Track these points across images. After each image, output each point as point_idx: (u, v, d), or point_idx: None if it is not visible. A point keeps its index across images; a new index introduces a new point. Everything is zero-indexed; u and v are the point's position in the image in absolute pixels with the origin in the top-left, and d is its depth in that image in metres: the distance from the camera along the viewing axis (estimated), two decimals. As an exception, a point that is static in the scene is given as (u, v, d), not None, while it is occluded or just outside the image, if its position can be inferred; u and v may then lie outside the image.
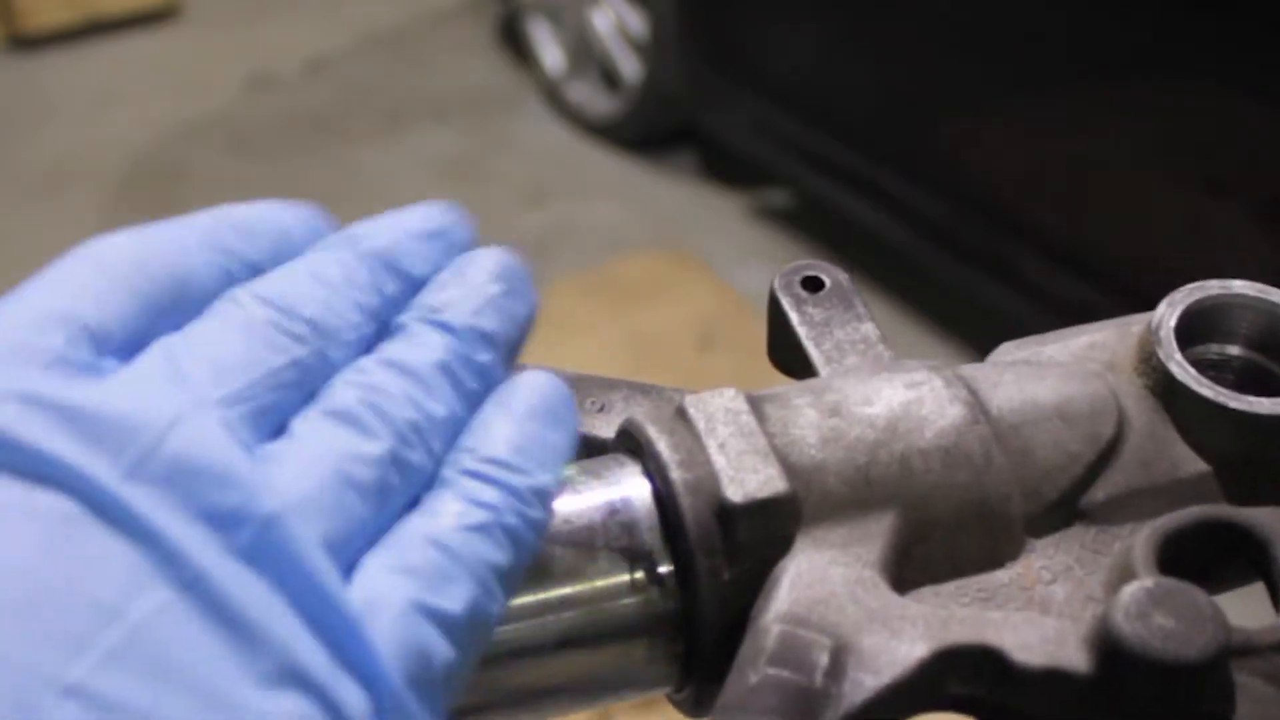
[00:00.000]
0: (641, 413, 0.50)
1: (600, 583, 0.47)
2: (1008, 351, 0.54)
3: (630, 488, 0.48)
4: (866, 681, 0.43)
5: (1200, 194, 2.66)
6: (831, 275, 0.57)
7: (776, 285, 0.57)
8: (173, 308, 0.43)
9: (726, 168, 3.90)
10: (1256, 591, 0.47)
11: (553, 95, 4.26)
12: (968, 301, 3.12)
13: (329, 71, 4.53)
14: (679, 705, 0.50)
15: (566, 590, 0.46)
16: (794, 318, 0.56)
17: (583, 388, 0.55)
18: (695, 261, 3.59)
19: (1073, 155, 2.89)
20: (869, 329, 0.55)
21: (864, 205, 3.27)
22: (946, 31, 3.04)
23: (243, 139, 4.21)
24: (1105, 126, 2.79)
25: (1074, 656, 0.44)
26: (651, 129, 4.00)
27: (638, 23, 3.87)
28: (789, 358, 0.57)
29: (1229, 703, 0.43)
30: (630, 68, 3.94)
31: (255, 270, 0.45)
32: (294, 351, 0.42)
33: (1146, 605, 0.42)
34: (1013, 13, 2.90)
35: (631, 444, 0.49)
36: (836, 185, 3.35)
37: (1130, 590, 0.42)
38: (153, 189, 4.03)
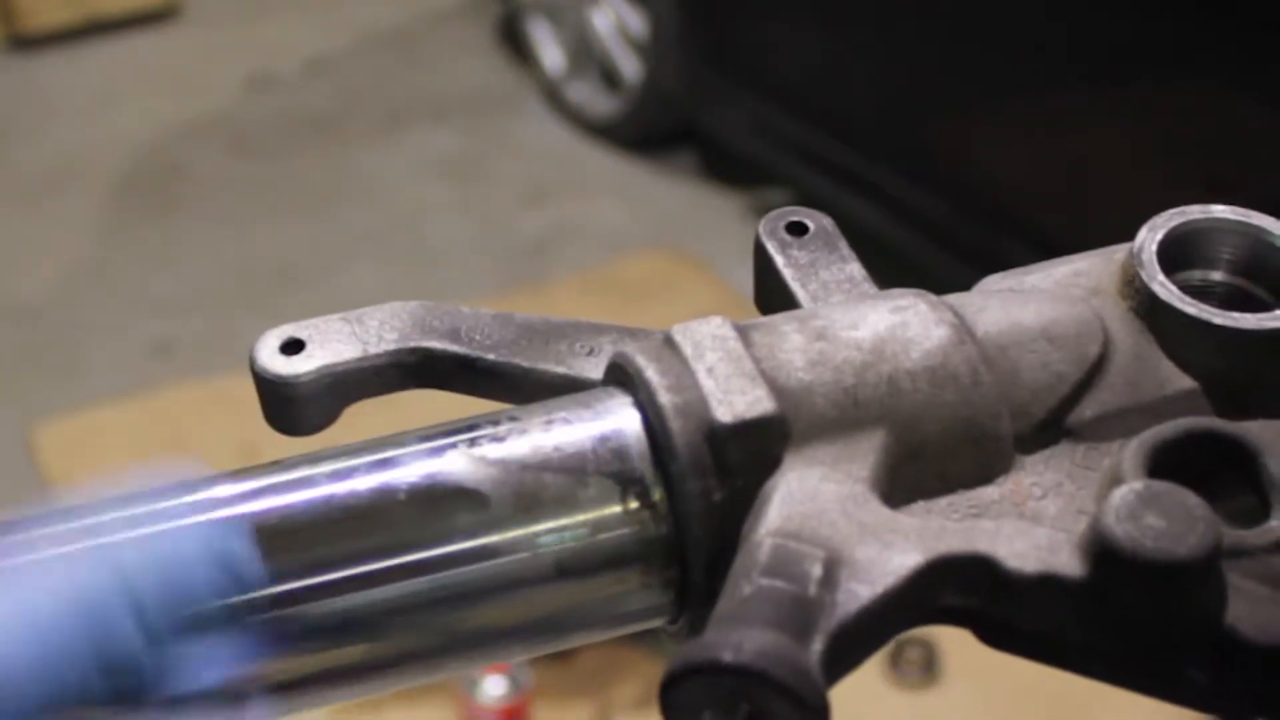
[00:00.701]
0: (630, 346, 0.50)
1: (593, 509, 0.47)
2: (992, 283, 0.54)
3: (620, 416, 0.48)
4: (861, 591, 0.43)
5: (1200, 194, 2.65)
6: (815, 220, 0.57)
7: (761, 231, 0.57)
8: None
9: (726, 168, 3.90)
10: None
11: (553, 95, 4.26)
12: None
13: (329, 71, 4.53)
14: (674, 637, 0.50)
15: (559, 519, 0.47)
16: (779, 260, 0.56)
17: (570, 332, 0.55)
18: (695, 261, 3.59)
19: (1073, 155, 2.89)
20: (854, 269, 0.56)
21: (864, 205, 3.27)
22: (947, 32, 3.04)
23: (243, 139, 4.21)
24: (1105, 126, 2.79)
25: (1067, 562, 0.44)
26: (651, 129, 4.00)
27: (638, 23, 3.87)
28: (775, 302, 0.57)
29: (1222, 602, 0.43)
30: (630, 68, 3.94)
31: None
32: None
33: (1137, 506, 0.42)
34: (1013, 13, 2.90)
35: (621, 376, 0.50)
36: (836, 185, 3.35)
37: (1120, 493, 0.43)
38: (153, 189, 4.03)
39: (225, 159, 4.15)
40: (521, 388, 0.54)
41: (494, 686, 2.35)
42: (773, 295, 0.57)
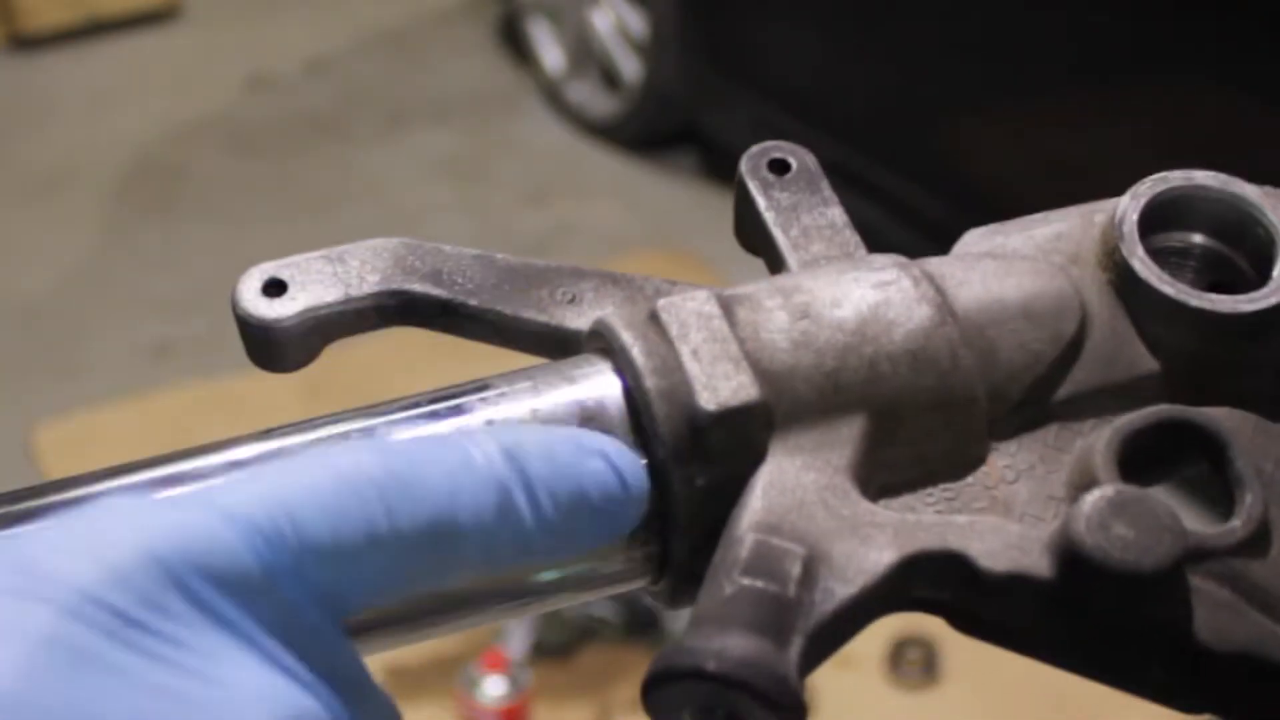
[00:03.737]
0: (613, 314, 0.50)
1: None
2: (973, 241, 0.54)
3: (603, 392, 0.48)
4: (838, 590, 0.44)
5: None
6: (798, 157, 0.57)
7: (744, 168, 0.57)
8: (401, 552, 0.42)
9: (726, 168, 3.87)
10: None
11: (553, 95, 4.26)
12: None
13: (329, 71, 4.53)
14: (655, 598, 0.50)
15: None
16: (761, 203, 0.56)
17: (552, 278, 0.54)
18: (695, 261, 3.59)
19: (1073, 155, 2.89)
20: (835, 213, 0.56)
21: (864, 205, 3.27)
22: (946, 32, 3.05)
23: (243, 139, 4.21)
24: (1105, 126, 2.79)
25: (1036, 563, 0.45)
26: (651, 129, 4.00)
27: (638, 23, 3.88)
28: (755, 239, 0.57)
29: (1186, 609, 0.44)
30: (630, 68, 3.94)
31: (523, 532, 0.44)
32: None
33: (1107, 515, 0.43)
34: (1013, 13, 2.90)
35: (603, 345, 0.50)
36: (836, 185, 3.34)
37: (1091, 500, 0.43)
38: (153, 189, 4.03)
39: (225, 159, 4.15)
40: (502, 333, 0.54)
41: (494, 686, 2.35)
42: (753, 234, 0.57)
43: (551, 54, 4.25)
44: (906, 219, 3.19)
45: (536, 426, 0.47)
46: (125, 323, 3.53)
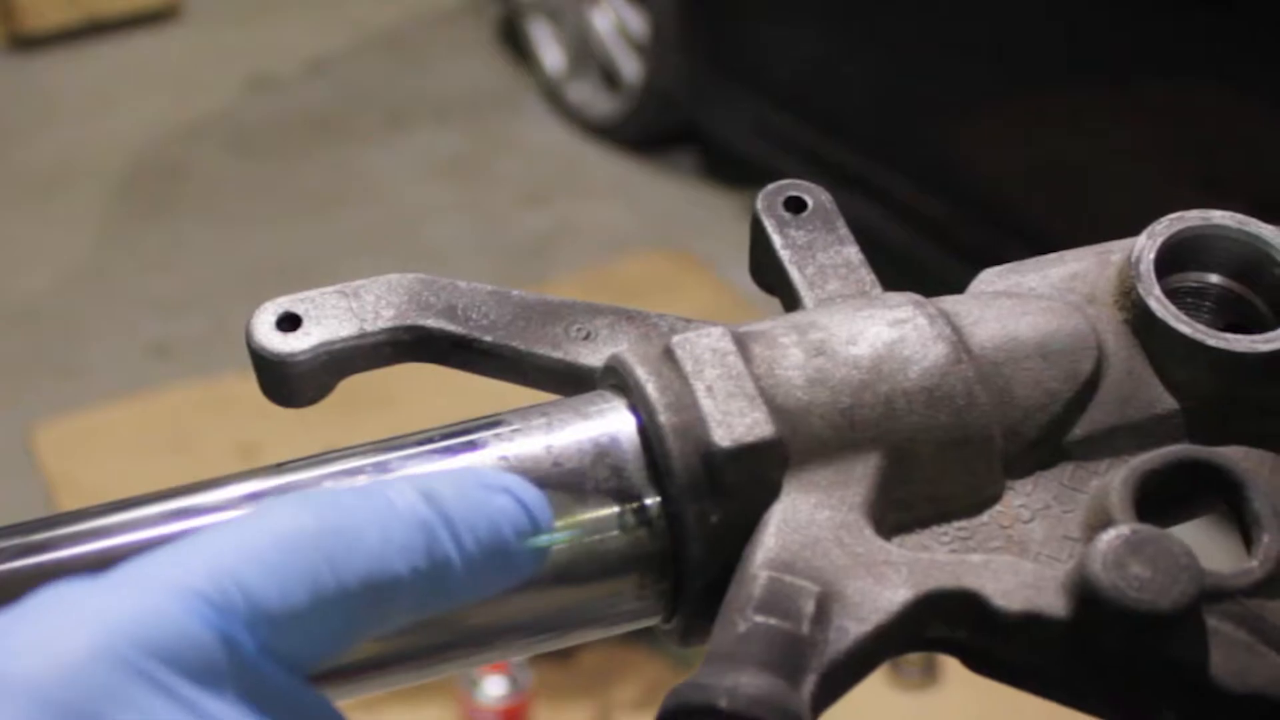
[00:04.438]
0: (628, 350, 0.50)
1: (590, 524, 0.47)
2: (988, 280, 0.54)
3: (618, 428, 0.48)
4: (851, 629, 0.44)
5: (1200, 194, 2.66)
6: (814, 196, 0.57)
7: (760, 206, 0.57)
8: (349, 610, 0.42)
9: (726, 168, 3.90)
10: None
11: (553, 95, 4.26)
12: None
13: (329, 71, 4.53)
14: (667, 636, 0.50)
15: (558, 529, 0.47)
16: (777, 241, 0.56)
17: (567, 314, 0.54)
18: (695, 261, 3.59)
19: (1073, 155, 2.89)
20: (851, 252, 0.55)
21: (864, 205, 3.27)
22: (946, 31, 3.04)
23: (243, 139, 4.21)
24: (1105, 126, 2.79)
25: (1052, 602, 0.44)
26: (651, 129, 4.00)
27: (638, 23, 3.87)
28: (771, 278, 0.57)
29: (1202, 650, 0.44)
30: (630, 68, 3.94)
31: (448, 571, 0.44)
32: None
33: (1123, 554, 0.43)
34: (1012, 13, 2.90)
35: (618, 381, 0.49)
36: (836, 185, 3.34)
37: (1107, 539, 0.43)
38: (153, 189, 4.03)
39: (225, 159, 4.15)
40: (516, 369, 0.54)
41: (494, 686, 2.35)
42: (768, 272, 0.57)
43: (551, 54, 4.25)
44: (906, 219, 3.19)
45: (442, 469, 0.47)
46: (125, 323, 3.53)
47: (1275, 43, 2.44)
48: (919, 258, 3.21)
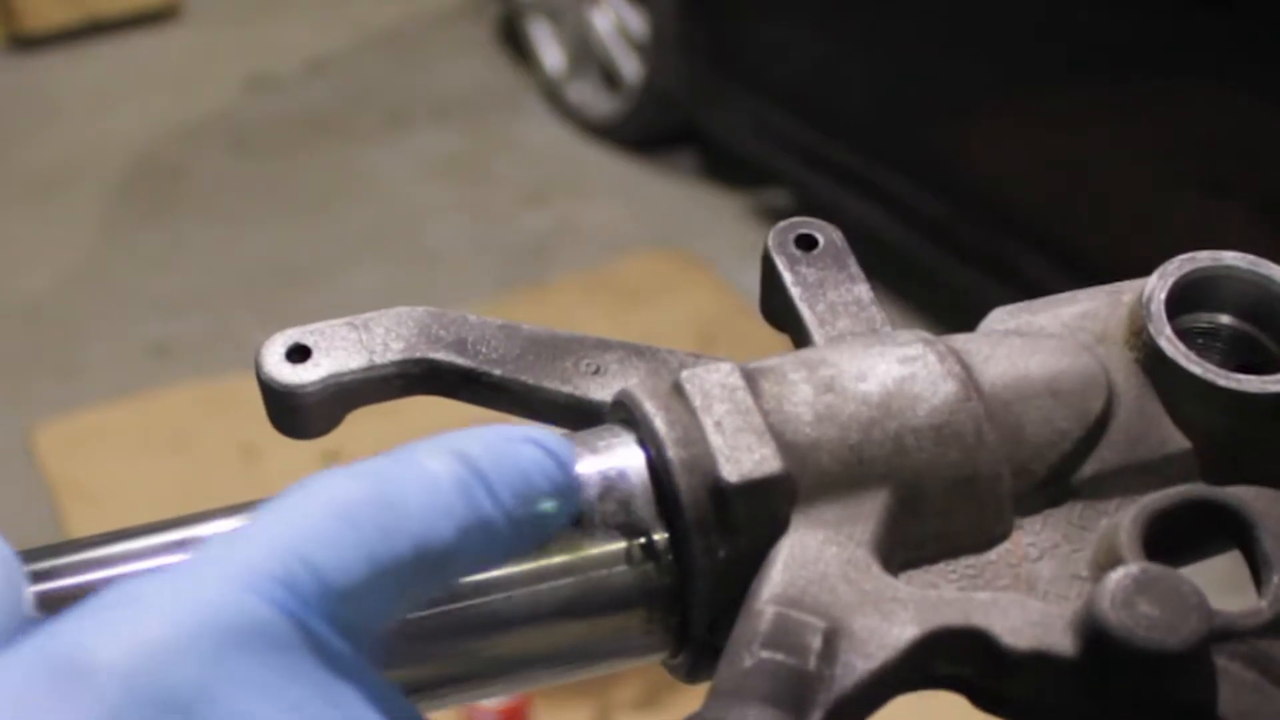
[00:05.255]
0: (637, 384, 0.50)
1: (597, 558, 0.47)
2: (999, 319, 0.54)
3: (626, 462, 0.48)
4: (858, 665, 0.44)
5: (1200, 194, 2.66)
6: (825, 234, 0.57)
7: (770, 244, 0.57)
8: (404, 579, 0.42)
9: (726, 168, 3.90)
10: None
11: (553, 95, 4.26)
12: (968, 301, 3.12)
13: (329, 71, 4.53)
14: (673, 671, 0.50)
15: (564, 563, 0.47)
16: (787, 278, 0.56)
17: (576, 349, 0.54)
18: (695, 261, 3.59)
19: (1073, 155, 2.89)
20: (862, 290, 0.56)
21: (864, 205, 3.27)
22: (946, 31, 3.05)
23: (243, 139, 4.22)
24: (1105, 126, 2.79)
25: (1060, 641, 0.44)
26: (651, 129, 4.00)
27: (638, 23, 3.88)
28: (781, 315, 0.57)
29: (1211, 689, 0.44)
30: (630, 68, 3.94)
31: (490, 527, 0.44)
32: None
33: (1132, 593, 0.43)
34: (1013, 13, 2.90)
35: (626, 415, 0.49)
36: (836, 185, 3.35)
37: (1116, 577, 0.43)
38: (153, 189, 4.03)
39: (225, 159, 4.15)
40: (526, 403, 0.54)
41: (494, 687, 2.35)
42: (779, 310, 0.57)
43: (551, 54, 4.25)
44: (907, 219, 3.19)
45: (468, 429, 0.47)
46: (125, 323, 3.53)
47: (1275, 43, 2.44)
48: (919, 258, 3.21)
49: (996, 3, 2.95)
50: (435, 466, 0.43)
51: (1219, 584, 0.56)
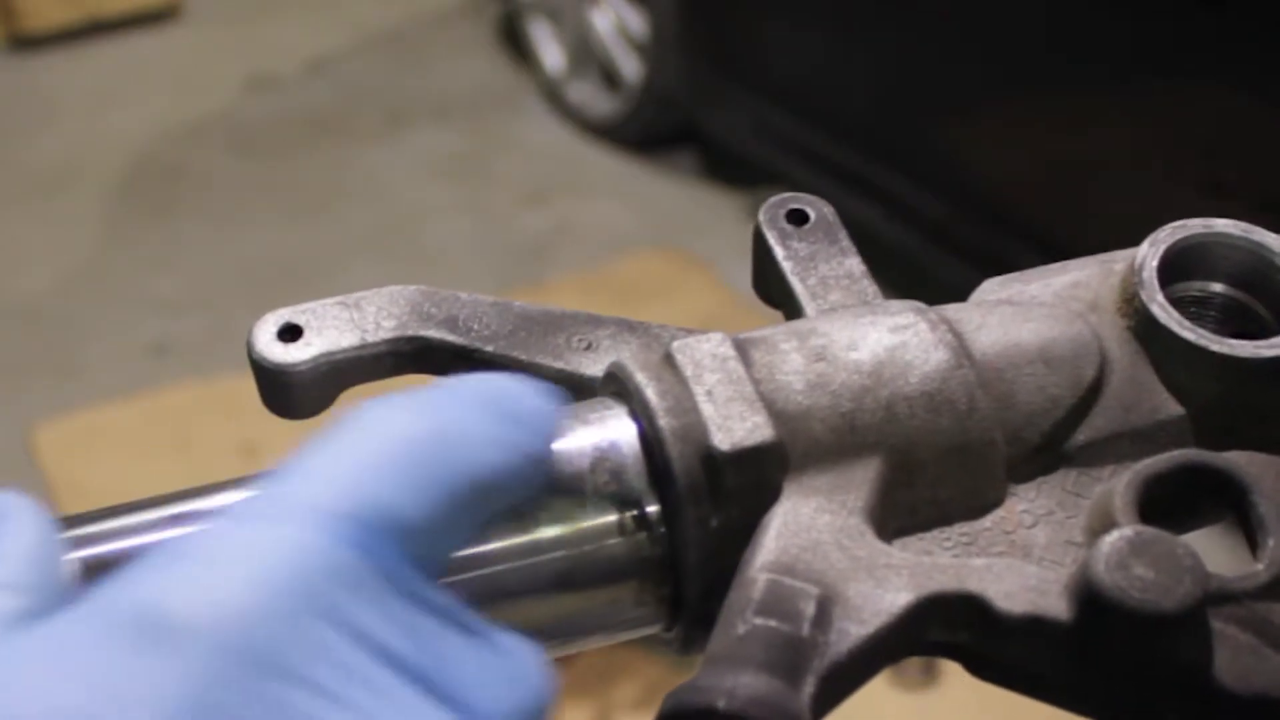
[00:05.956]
0: (629, 356, 0.50)
1: (590, 529, 0.47)
2: (991, 290, 0.54)
3: (618, 434, 0.48)
4: (852, 630, 0.44)
5: (1200, 194, 2.66)
6: (816, 208, 0.57)
7: (762, 219, 0.57)
8: (464, 511, 0.42)
9: (726, 168, 3.90)
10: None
11: (553, 95, 4.26)
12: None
13: (329, 71, 4.53)
14: (668, 644, 0.50)
15: (557, 535, 0.47)
16: (779, 253, 0.56)
17: (568, 325, 0.55)
18: (695, 261, 3.59)
19: (1073, 155, 2.89)
20: (853, 263, 0.56)
21: (864, 205, 3.27)
22: (946, 32, 3.05)
23: (243, 139, 4.21)
24: (1105, 126, 2.79)
25: (1055, 605, 0.44)
26: (651, 129, 4.00)
27: (638, 23, 3.88)
28: (773, 291, 0.57)
29: (1206, 651, 0.43)
30: (630, 68, 3.94)
31: (521, 463, 0.44)
32: None
33: (1126, 555, 0.42)
34: (1013, 13, 2.90)
35: (618, 388, 0.49)
36: (836, 185, 3.35)
37: (1110, 540, 0.43)
38: (153, 189, 4.03)
39: (225, 159, 4.15)
40: None
41: (494, 686, 2.35)
42: (771, 285, 0.57)
43: (551, 54, 4.25)
44: (907, 219, 3.19)
45: (480, 374, 0.47)
46: (125, 322, 3.53)
47: (1275, 43, 2.44)
48: (919, 258, 3.21)
49: (997, 3, 2.95)
50: (469, 397, 0.43)
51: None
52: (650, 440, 0.47)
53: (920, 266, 3.23)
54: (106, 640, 0.35)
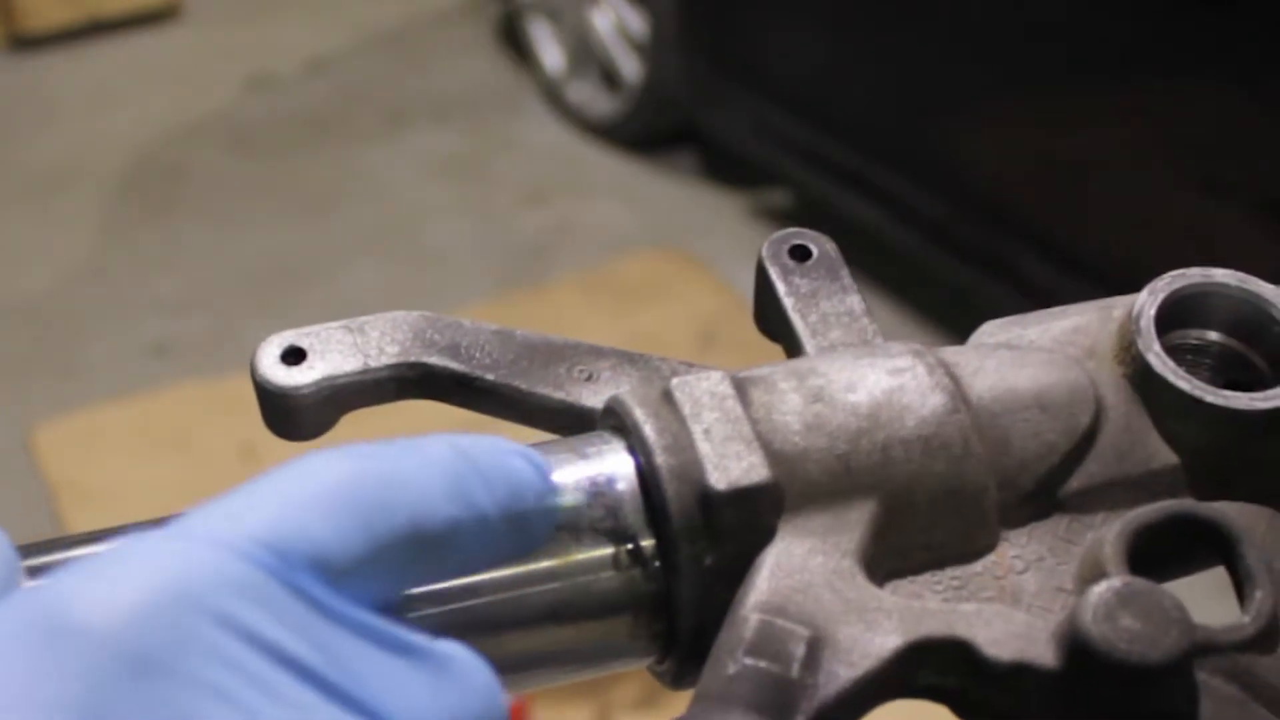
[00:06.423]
0: (628, 392, 0.50)
1: (584, 562, 0.47)
2: (990, 332, 0.54)
3: (615, 468, 0.48)
4: (841, 673, 0.44)
5: (1200, 194, 2.66)
6: (819, 245, 0.57)
7: (764, 254, 0.57)
8: (402, 554, 0.42)
9: (726, 168, 3.90)
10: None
11: (553, 95, 4.26)
12: (968, 301, 3.12)
13: (329, 71, 4.53)
14: (659, 676, 0.50)
15: (551, 567, 0.47)
16: (781, 289, 0.56)
17: (570, 355, 0.55)
18: (695, 261, 3.59)
19: (1073, 155, 2.89)
20: (854, 301, 0.56)
21: (864, 205, 3.27)
22: (947, 32, 3.05)
23: (243, 139, 4.22)
24: (1105, 126, 2.79)
25: (1043, 652, 0.44)
26: (651, 129, 4.00)
27: (638, 23, 3.88)
28: (774, 325, 0.57)
29: (1193, 703, 0.44)
30: (630, 68, 3.94)
31: (483, 523, 0.44)
32: None
33: (1114, 606, 0.43)
34: (1013, 13, 2.90)
35: (617, 422, 0.50)
36: (836, 185, 3.35)
37: (1099, 590, 0.43)
38: (153, 189, 4.03)
39: (225, 159, 4.15)
40: (518, 408, 0.55)
41: (494, 687, 2.35)
42: (772, 320, 0.57)
43: (551, 54, 4.25)
44: (907, 219, 3.19)
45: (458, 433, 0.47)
46: (125, 323, 3.53)
47: (1275, 43, 2.44)
48: (919, 258, 3.21)
49: (997, 3, 2.95)
50: (434, 452, 0.43)
51: (1207, 593, 0.56)
52: (647, 477, 0.48)
53: (920, 266, 3.23)
54: (9, 637, 0.36)
